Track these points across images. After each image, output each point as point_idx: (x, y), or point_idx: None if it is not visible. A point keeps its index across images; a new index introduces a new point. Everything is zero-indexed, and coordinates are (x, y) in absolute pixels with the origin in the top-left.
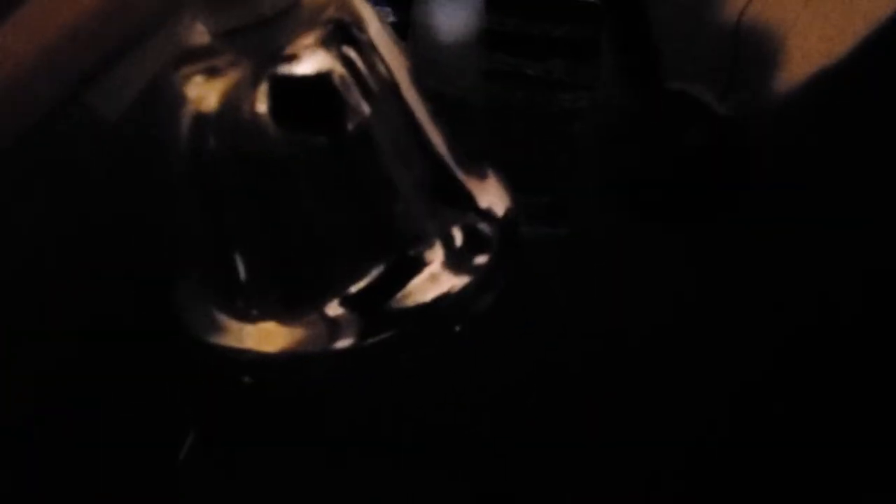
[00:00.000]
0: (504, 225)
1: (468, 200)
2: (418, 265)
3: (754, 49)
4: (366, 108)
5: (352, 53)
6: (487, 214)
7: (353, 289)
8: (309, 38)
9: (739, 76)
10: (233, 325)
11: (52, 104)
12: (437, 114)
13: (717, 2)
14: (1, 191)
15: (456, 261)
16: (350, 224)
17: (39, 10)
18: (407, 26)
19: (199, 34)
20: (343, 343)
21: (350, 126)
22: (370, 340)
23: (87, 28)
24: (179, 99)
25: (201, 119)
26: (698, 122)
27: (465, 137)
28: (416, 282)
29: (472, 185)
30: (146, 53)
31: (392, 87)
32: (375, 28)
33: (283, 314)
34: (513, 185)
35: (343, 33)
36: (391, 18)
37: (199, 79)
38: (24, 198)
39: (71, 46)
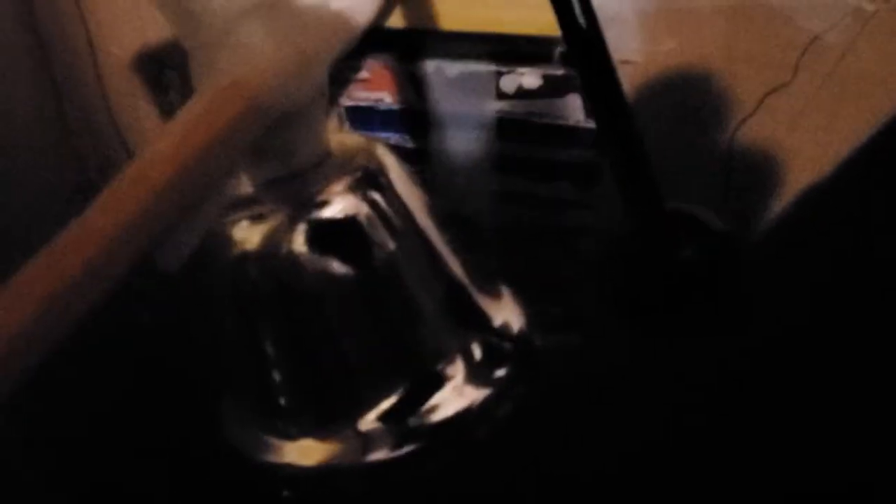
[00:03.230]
0: (519, 339)
1: (485, 318)
2: (442, 380)
3: (747, 168)
4: (390, 243)
5: (377, 196)
6: (504, 330)
7: (384, 405)
8: (339, 186)
9: (733, 195)
10: (273, 442)
11: (129, 273)
12: (453, 237)
13: (710, 123)
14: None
15: (477, 374)
16: (378, 347)
17: (120, 190)
18: (425, 152)
19: (245, 185)
20: (375, 456)
21: (376, 260)
22: (400, 452)
23: (159, 202)
24: (226, 240)
25: (245, 258)
26: (695, 239)
27: (480, 253)
28: (441, 396)
29: (489, 304)
30: (200, 212)
31: (412, 222)
32: (397, 172)
33: (319, 431)
34: (526, 298)
35: (369, 179)
36: (411, 145)
37: (244, 223)
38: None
39: (146, 220)
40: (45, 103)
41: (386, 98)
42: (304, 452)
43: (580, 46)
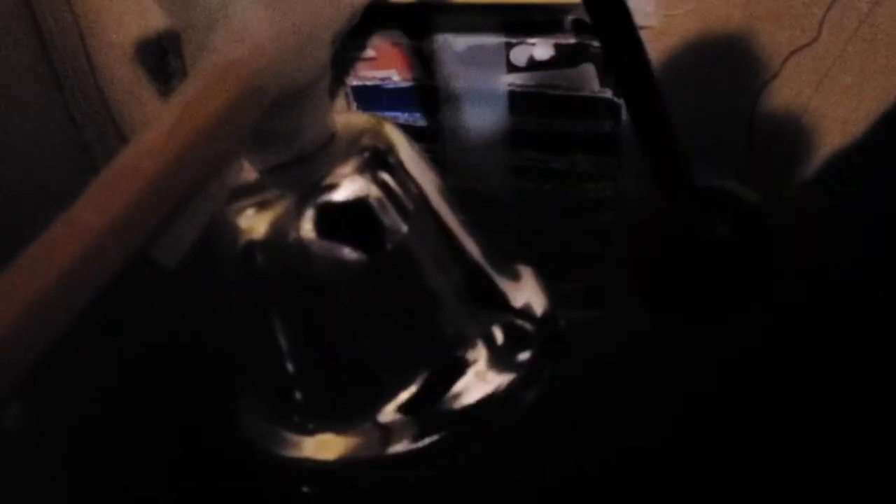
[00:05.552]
0: (543, 321)
1: (506, 300)
2: (463, 366)
3: (771, 132)
4: (402, 226)
5: (386, 177)
6: (526, 312)
7: (404, 395)
8: (347, 168)
9: (757, 160)
10: (291, 437)
11: (120, 269)
12: (469, 217)
13: (732, 87)
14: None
15: (499, 359)
16: (395, 334)
17: (109, 183)
18: (436, 130)
19: (249, 171)
20: (397, 447)
21: (389, 243)
22: (423, 443)
23: (151, 194)
24: (232, 230)
25: (252, 247)
26: (726, 215)
27: (497, 231)
28: (463, 382)
29: (509, 285)
30: (198, 203)
31: (425, 203)
32: (407, 151)
33: (337, 425)
34: (546, 274)
35: (377, 159)
36: (421, 123)
37: (250, 211)
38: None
39: (138, 214)
40: (48, 95)
41: (393, 76)
42: (323, 447)
43: (602, 13)
